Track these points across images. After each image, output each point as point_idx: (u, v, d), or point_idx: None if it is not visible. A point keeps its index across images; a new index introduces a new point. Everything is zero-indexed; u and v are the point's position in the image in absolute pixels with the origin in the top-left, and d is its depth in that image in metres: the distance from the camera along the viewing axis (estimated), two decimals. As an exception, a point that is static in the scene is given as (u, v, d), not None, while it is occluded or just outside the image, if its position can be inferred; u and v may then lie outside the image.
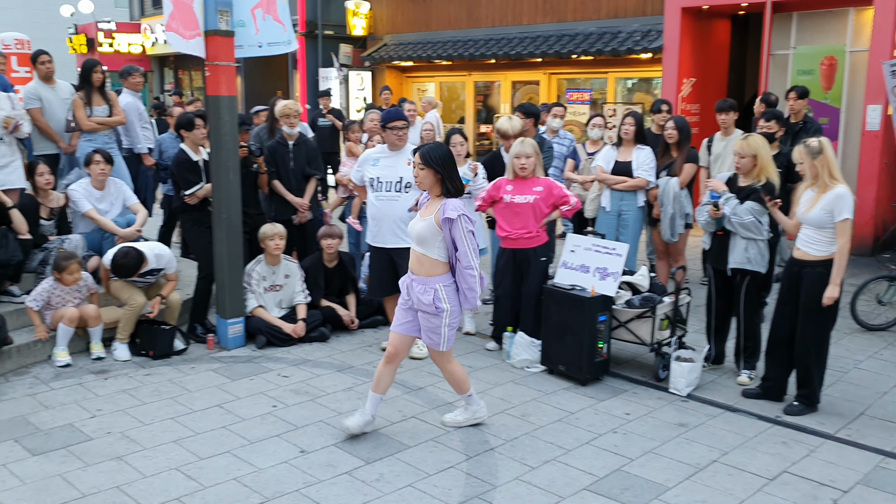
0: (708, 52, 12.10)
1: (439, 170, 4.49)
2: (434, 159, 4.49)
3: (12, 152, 6.70)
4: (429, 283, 4.54)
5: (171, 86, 25.16)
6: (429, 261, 4.54)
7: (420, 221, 4.55)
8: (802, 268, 5.07)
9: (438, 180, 4.52)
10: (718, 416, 5.17)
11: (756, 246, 5.51)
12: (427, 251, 4.54)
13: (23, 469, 4.33)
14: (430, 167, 4.48)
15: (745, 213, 5.43)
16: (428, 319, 4.58)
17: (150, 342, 6.17)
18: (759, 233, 5.46)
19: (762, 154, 5.51)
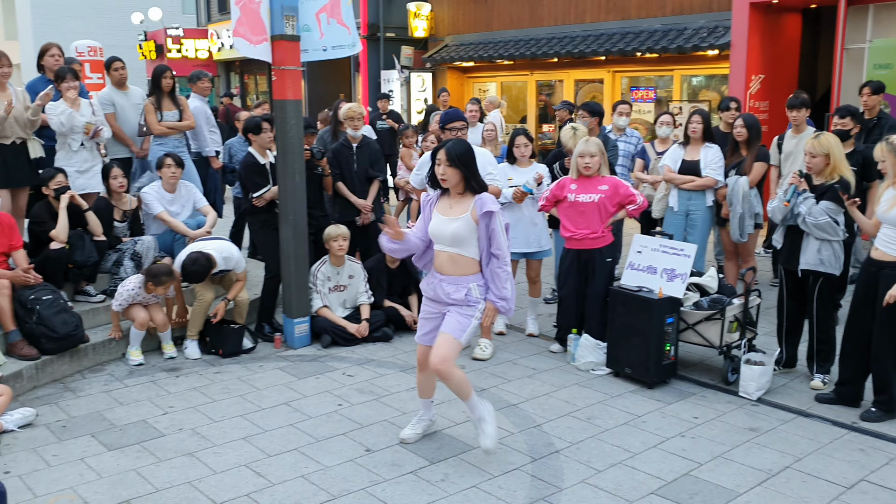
0: (777, 48, 11.79)
1: (464, 169, 4.31)
2: (460, 157, 4.29)
3: (93, 157, 6.94)
4: (461, 283, 4.35)
5: (237, 90, 25.69)
6: (464, 260, 4.35)
7: (452, 221, 4.31)
8: (881, 269, 4.89)
9: (463, 178, 4.32)
10: (791, 421, 5.03)
11: (830, 247, 5.34)
12: (462, 250, 4.34)
13: (99, 463, 4.47)
14: (455, 166, 4.28)
15: (820, 213, 5.26)
16: (460, 311, 4.37)
17: (220, 341, 6.30)
18: (835, 233, 5.28)
19: (834, 153, 5.33)
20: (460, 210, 4.34)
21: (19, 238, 6.04)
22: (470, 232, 4.30)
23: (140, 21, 25.55)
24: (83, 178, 6.82)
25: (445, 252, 4.39)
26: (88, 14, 30.51)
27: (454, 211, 4.36)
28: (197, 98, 8.73)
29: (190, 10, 27.84)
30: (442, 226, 4.36)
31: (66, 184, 6.34)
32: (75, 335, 5.82)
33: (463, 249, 4.34)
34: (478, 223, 4.30)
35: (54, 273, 6.11)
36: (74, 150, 6.78)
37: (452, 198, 4.41)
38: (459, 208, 4.35)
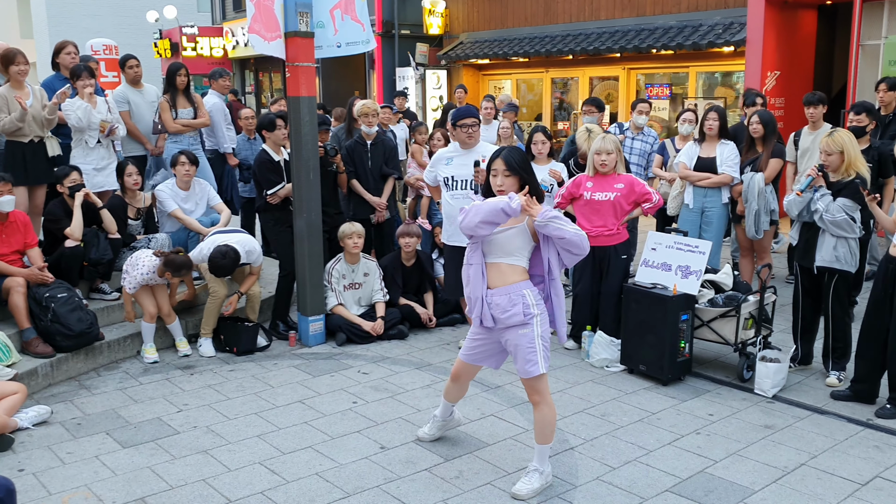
0: (793, 44, 11.71)
1: (524, 176, 4.06)
2: (520, 165, 4.04)
3: (109, 155, 6.99)
4: (514, 291, 4.03)
5: (252, 87, 25.77)
6: (515, 269, 4.07)
7: (509, 230, 4.05)
8: None
9: (521, 187, 4.04)
10: (806, 418, 4.99)
11: (846, 244, 5.30)
12: (515, 260, 4.08)
13: (114, 461, 4.50)
14: (516, 174, 4.04)
15: (837, 210, 5.21)
16: (518, 336, 4.03)
17: (234, 339, 6.32)
18: (852, 231, 5.24)
19: (849, 150, 5.27)
20: (518, 219, 4.06)
21: (34, 236, 6.09)
22: (526, 241, 4.08)
23: (155, 19, 25.65)
24: (100, 175, 6.87)
25: (496, 265, 4.10)
26: (104, 13, 30.68)
27: (511, 220, 4.05)
28: (215, 95, 8.78)
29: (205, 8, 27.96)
30: (499, 236, 4.08)
31: (80, 181, 6.38)
32: (90, 333, 5.86)
33: (515, 259, 4.09)
34: (534, 231, 4.05)
35: (69, 271, 6.15)
36: (91, 146, 6.82)
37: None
38: (515, 218, 4.03)
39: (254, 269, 6.57)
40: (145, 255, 6.12)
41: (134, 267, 6.06)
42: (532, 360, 4.01)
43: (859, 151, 5.39)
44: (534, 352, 4.01)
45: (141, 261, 6.07)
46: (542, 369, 4.02)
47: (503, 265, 4.09)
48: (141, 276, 6.03)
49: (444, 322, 6.99)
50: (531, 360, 4.01)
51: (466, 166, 5.94)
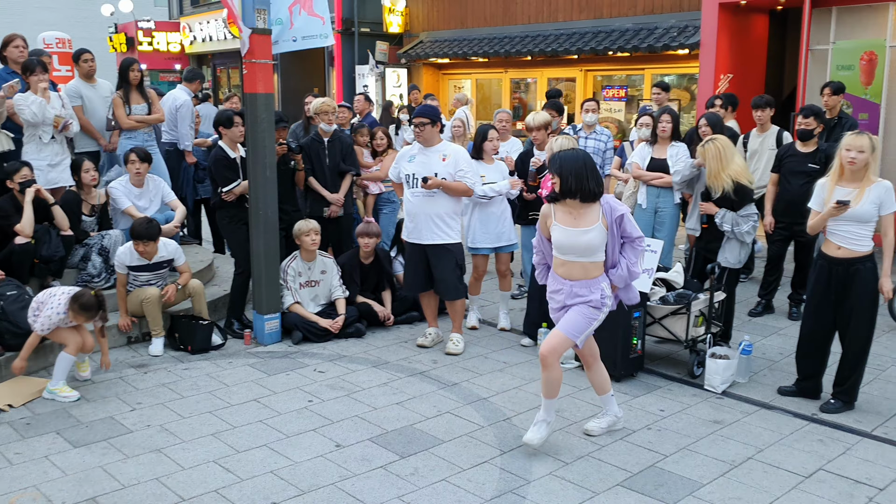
0: (746, 48, 11.96)
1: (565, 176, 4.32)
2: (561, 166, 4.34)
3: (63, 151, 6.88)
4: (594, 285, 4.42)
5: (210, 84, 25.48)
6: (595, 266, 4.43)
7: (585, 232, 4.34)
8: (851, 265, 4.95)
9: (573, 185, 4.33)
10: (754, 413, 5.13)
11: (747, 248, 6.01)
12: (595, 258, 4.41)
13: (65, 460, 4.44)
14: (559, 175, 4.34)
15: (742, 221, 5.87)
16: (586, 309, 4.42)
17: (189, 337, 6.27)
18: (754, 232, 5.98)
19: (710, 163, 5.86)
20: (589, 220, 4.36)
21: (-16, 233, 5.98)
22: (602, 240, 4.39)
23: (111, 13, 25.23)
24: (54, 171, 6.75)
25: (578, 262, 4.43)
26: (56, 5, 30.11)
27: (582, 221, 4.37)
28: (185, 91, 8.73)
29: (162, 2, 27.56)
30: (574, 238, 4.38)
31: (31, 177, 6.26)
32: (41, 331, 5.73)
33: (595, 257, 4.42)
34: (608, 228, 4.39)
35: (20, 268, 6.04)
36: (45, 142, 6.71)
37: (572, 207, 4.39)
38: (587, 218, 4.37)
39: (180, 267, 6.51)
40: (60, 291, 5.41)
41: (46, 305, 5.33)
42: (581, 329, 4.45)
43: (731, 164, 5.85)
44: (587, 325, 4.47)
45: (56, 298, 5.34)
46: (579, 342, 4.51)
47: (586, 263, 4.44)
48: (57, 315, 5.28)
49: (401, 320, 7.01)
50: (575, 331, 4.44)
51: (427, 164, 5.99)
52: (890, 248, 4.89)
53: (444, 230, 6.04)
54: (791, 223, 6.88)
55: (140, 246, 6.16)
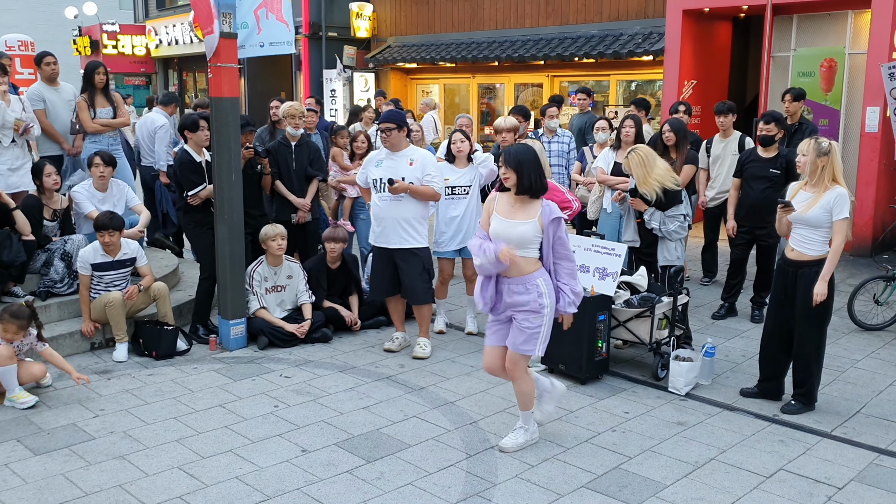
0: (709, 55, 12.14)
1: (515, 167, 4.38)
2: (514, 159, 4.39)
3: (24, 155, 6.78)
4: (529, 281, 4.43)
5: (175, 87, 25.25)
6: (526, 260, 4.43)
7: (519, 225, 4.40)
8: (799, 268, 5.10)
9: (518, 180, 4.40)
10: (717, 414, 5.20)
11: (681, 245, 6.36)
12: (526, 252, 4.43)
13: (25, 468, 4.37)
14: (509, 166, 4.39)
15: (669, 221, 6.19)
16: (528, 320, 4.44)
17: (153, 342, 6.21)
18: (684, 231, 6.29)
19: (636, 171, 6.15)
20: (527, 214, 4.43)
21: (-57, 237, 5.87)
22: (535, 235, 4.42)
23: (74, 16, 24.89)
24: (15, 175, 6.65)
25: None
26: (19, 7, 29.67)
27: (520, 214, 4.44)
28: (162, 114, 8.77)
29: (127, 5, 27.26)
30: (508, 229, 4.43)
31: (-8, 182, 6.17)
32: (2, 337, 5.64)
33: (527, 251, 4.44)
34: (543, 229, 4.41)
35: (-20, 274, 5.95)
36: (5, 146, 6.62)
37: (517, 200, 4.47)
38: (526, 212, 4.43)
39: (141, 269, 6.47)
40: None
41: None
42: (532, 344, 4.48)
43: (655, 169, 6.14)
44: (536, 338, 4.47)
45: None
46: (539, 352, 4.52)
47: (518, 258, 4.41)
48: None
49: (368, 325, 7.00)
50: (530, 344, 4.48)
51: (394, 169, 6.00)
52: (833, 253, 4.96)
53: (411, 234, 6.06)
54: (753, 227, 6.99)
55: (105, 237, 6.13)
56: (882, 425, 5.04)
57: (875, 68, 9.48)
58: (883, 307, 7.04)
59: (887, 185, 9.97)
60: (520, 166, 4.38)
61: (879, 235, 9.85)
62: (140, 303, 6.41)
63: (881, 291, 7.07)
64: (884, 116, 9.59)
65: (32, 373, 5.37)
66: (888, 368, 6.07)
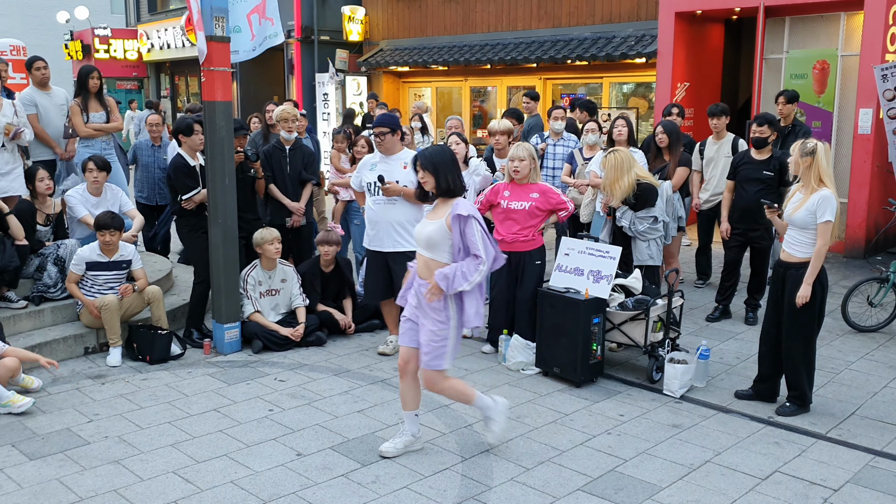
0: (702, 57, 12.17)
1: (434, 172, 4.35)
2: (431, 161, 4.37)
3: (14, 159, 6.75)
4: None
5: (168, 91, 25.20)
6: (437, 265, 4.34)
7: (429, 225, 4.39)
8: (787, 269, 5.12)
9: (435, 182, 4.37)
10: (712, 417, 5.21)
11: (655, 244, 6.50)
12: (436, 255, 4.36)
13: (20, 473, 4.36)
14: (426, 169, 4.37)
15: (639, 221, 6.37)
16: (433, 326, 4.36)
17: (147, 347, 6.19)
18: (656, 231, 6.43)
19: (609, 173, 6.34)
20: (440, 215, 4.39)
21: (-65, 243, 5.84)
22: (443, 237, 4.32)
23: (66, 20, 24.81)
24: (5, 180, 6.63)
25: (422, 257, 4.43)
26: (10, 11, 29.55)
27: (435, 215, 4.43)
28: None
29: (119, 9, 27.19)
30: (421, 229, 4.45)
31: (-16, 187, 6.15)
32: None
33: (435, 254, 4.36)
34: (450, 229, 4.31)
35: (-27, 278, 5.92)
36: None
37: (438, 203, 4.47)
38: (439, 213, 4.40)
39: (136, 272, 6.46)
40: None
41: None
42: (439, 353, 4.38)
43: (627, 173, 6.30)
44: (444, 347, 4.38)
45: None
46: (445, 365, 4.42)
47: (429, 259, 4.38)
48: None
49: (362, 328, 7.00)
50: (437, 353, 4.38)
51: (389, 173, 6.01)
52: (815, 257, 4.95)
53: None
54: (746, 229, 7.01)
55: (106, 236, 6.16)
56: (877, 427, 5.05)
57: (868, 70, 9.52)
58: (877, 309, 7.06)
59: (880, 187, 10.01)
60: (436, 169, 4.35)
61: (873, 237, 9.89)
62: (134, 307, 6.40)
63: (875, 293, 7.10)
64: (877, 118, 9.63)
65: (7, 366, 5.29)
66: (883, 370, 6.09)
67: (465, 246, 4.31)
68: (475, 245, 4.26)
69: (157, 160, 8.48)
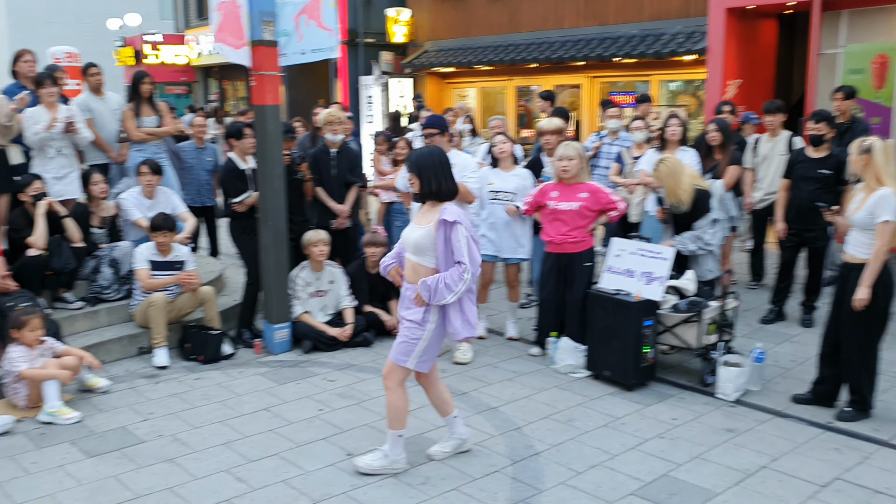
0: (754, 53, 11.93)
1: (419, 174, 4.24)
2: (417, 164, 4.27)
3: (70, 164, 6.92)
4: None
5: (216, 96, 25.59)
6: (424, 270, 4.25)
7: (417, 229, 4.28)
8: (850, 271, 4.97)
9: (420, 185, 4.26)
10: (767, 421, 5.09)
11: (711, 257, 6.32)
12: (423, 260, 4.27)
13: (79, 470, 4.45)
14: (412, 171, 4.28)
15: (688, 241, 6.17)
16: (409, 329, 4.29)
17: (200, 347, 6.27)
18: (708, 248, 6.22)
19: (665, 181, 6.16)
20: (428, 219, 4.27)
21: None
22: (430, 242, 4.23)
23: (118, 27, 25.36)
24: (61, 184, 6.79)
25: (410, 261, 4.35)
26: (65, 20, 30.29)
27: (424, 219, 4.30)
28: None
29: (168, 15, 27.68)
30: (408, 233, 4.37)
31: (43, 190, 6.31)
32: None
33: (422, 259, 4.28)
34: (437, 232, 4.20)
35: (32, 280, 6.07)
36: (50, 156, 6.75)
37: (428, 207, 4.34)
38: (428, 217, 4.28)
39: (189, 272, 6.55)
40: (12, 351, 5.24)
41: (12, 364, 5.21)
42: (406, 351, 4.31)
43: (681, 179, 6.10)
44: (412, 348, 4.30)
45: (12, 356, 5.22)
46: (409, 364, 4.33)
47: (416, 263, 4.32)
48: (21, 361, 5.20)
49: (410, 329, 6.98)
50: (404, 351, 4.32)
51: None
52: (874, 258, 4.79)
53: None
54: (802, 229, 6.83)
55: (160, 237, 6.32)
56: (942, 433, 4.89)
57: (928, 64, 9.23)
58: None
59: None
60: (420, 171, 4.23)
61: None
62: (187, 307, 6.50)
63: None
64: (937, 114, 9.34)
65: (67, 365, 5.31)
66: (946, 373, 5.89)
67: (446, 252, 4.19)
68: (459, 251, 4.14)
69: (201, 162, 8.59)
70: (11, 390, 5.23)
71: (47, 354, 5.38)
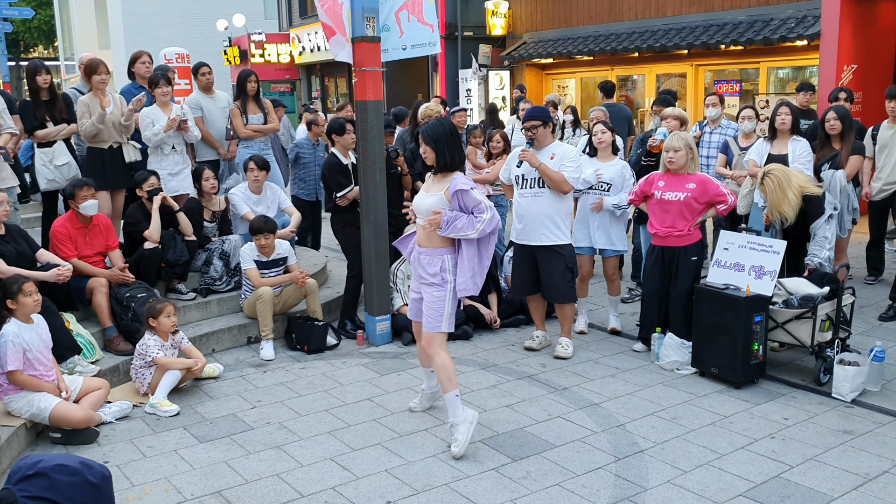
0: (871, 37, 11.31)
1: (435, 146, 4.55)
2: (431, 136, 4.56)
3: (184, 160, 7.22)
4: (436, 255, 4.59)
5: (318, 93, 26.16)
6: (437, 236, 4.57)
7: (429, 197, 4.60)
8: None
9: (436, 156, 4.57)
10: (888, 423, 4.83)
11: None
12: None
13: (192, 455, 4.63)
14: (427, 143, 4.57)
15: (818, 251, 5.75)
16: (431, 293, 4.59)
17: (305, 337, 6.44)
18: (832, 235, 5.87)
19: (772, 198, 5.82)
20: (439, 187, 4.60)
21: (115, 238, 6.33)
22: (443, 208, 4.53)
23: (224, 27, 26.26)
24: (175, 180, 7.09)
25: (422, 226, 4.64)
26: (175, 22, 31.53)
27: (434, 188, 4.64)
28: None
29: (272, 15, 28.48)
30: (421, 200, 4.66)
31: (158, 186, 6.59)
32: (168, 331, 6.01)
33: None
34: (450, 202, 4.52)
35: (148, 272, 6.36)
36: (166, 153, 7.07)
37: (436, 175, 4.68)
38: (439, 186, 4.62)
39: (291, 266, 6.74)
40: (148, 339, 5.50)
41: (144, 356, 5.47)
42: (437, 316, 4.59)
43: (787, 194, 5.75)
44: (441, 310, 4.58)
45: (147, 346, 5.47)
46: (444, 327, 4.61)
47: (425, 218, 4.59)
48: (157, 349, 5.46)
49: (508, 323, 6.98)
50: (436, 317, 4.59)
51: (534, 164, 5.95)
52: None
53: (553, 231, 5.97)
54: (925, 221, 6.46)
55: (261, 240, 6.47)
56: None
57: None
58: None
59: None
60: (437, 143, 4.53)
61: None
62: (292, 299, 6.67)
63: None
64: None
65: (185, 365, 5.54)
66: None
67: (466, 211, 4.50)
68: (477, 203, 4.47)
69: (317, 158, 8.79)
70: (140, 375, 5.49)
71: (176, 348, 5.65)
